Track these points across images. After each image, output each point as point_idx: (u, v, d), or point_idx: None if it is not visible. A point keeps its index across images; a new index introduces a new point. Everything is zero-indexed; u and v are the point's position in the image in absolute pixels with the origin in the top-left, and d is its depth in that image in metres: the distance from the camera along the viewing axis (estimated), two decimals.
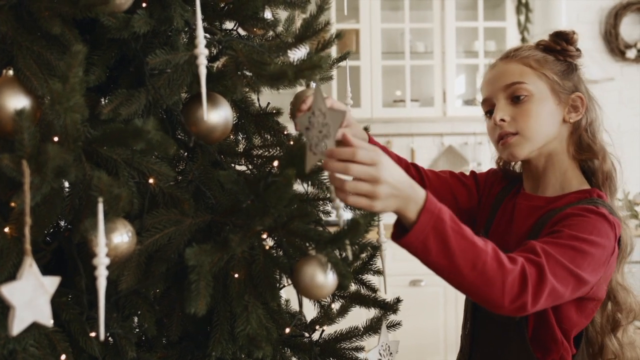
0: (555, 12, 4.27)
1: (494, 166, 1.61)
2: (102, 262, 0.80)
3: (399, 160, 1.50)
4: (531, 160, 1.41)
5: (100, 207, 0.82)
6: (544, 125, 1.36)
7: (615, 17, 4.57)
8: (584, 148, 1.39)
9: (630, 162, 4.18)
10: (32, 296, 0.79)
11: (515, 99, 1.36)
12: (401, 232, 1.09)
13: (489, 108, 1.42)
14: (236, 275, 1.03)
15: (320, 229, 1.03)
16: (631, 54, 4.56)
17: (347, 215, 1.04)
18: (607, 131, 1.45)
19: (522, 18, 4.34)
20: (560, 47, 1.40)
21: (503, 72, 1.39)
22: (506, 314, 1.14)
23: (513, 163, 1.54)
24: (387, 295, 1.34)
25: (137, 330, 1.08)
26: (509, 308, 1.12)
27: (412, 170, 1.52)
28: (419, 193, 1.07)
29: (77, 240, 0.93)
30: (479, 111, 1.48)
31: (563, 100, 1.38)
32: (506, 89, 1.37)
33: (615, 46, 4.58)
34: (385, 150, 1.43)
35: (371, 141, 1.40)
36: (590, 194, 1.33)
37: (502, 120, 1.36)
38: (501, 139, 1.37)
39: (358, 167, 1.00)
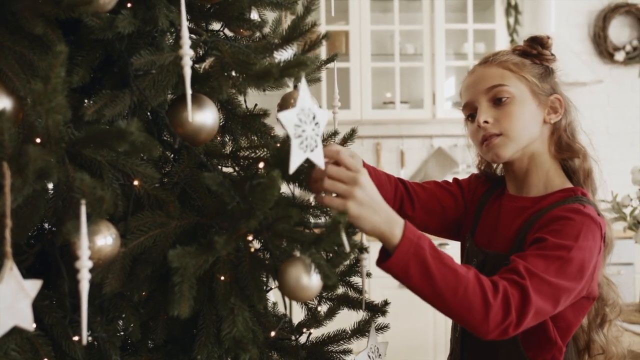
0: (545, 15, 4.28)
1: (476, 171, 1.63)
2: (84, 265, 0.79)
3: (387, 178, 1.52)
4: (514, 162, 1.43)
5: (83, 210, 0.81)
6: (526, 126, 1.38)
7: (603, 19, 4.59)
8: (564, 147, 1.42)
9: (618, 165, 4.22)
10: (13, 300, 0.78)
11: (498, 101, 1.38)
12: (385, 258, 1.13)
13: (471, 112, 1.45)
14: (222, 278, 1.02)
15: (307, 230, 1.02)
16: (619, 56, 4.58)
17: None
18: (585, 132, 1.48)
19: (512, 20, 4.35)
20: (536, 51, 1.44)
21: (483, 76, 1.42)
22: (491, 338, 1.16)
23: (495, 166, 1.56)
24: (375, 298, 1.33)
25: (122, 333, 1.07)
26: (494, 333, 1.15)
27: (400, 186, 1.53)
28: (400, 218, 1.13)
29: (60, 242, 0.92)
30: None
31: (543, 102, 1.41)
32: (488, 92, 1.39)
33: (603, 48, 4.60)
34: (374, 170, 1.48)
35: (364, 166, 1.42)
36: (575, 192, 1.36)
37: (486, 122, 1.38)
38: (485, 141, 1.39)
39: (337, 168, 1.07)
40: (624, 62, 4.61)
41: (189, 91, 0.92)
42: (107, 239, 0.90)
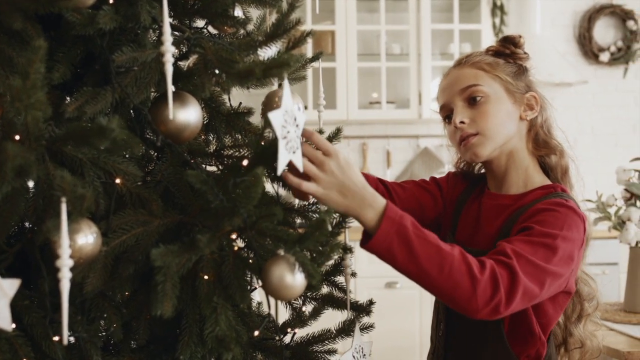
0: (530, 15, 4.30)
1: (455, 168, 1.64)
2: (65, 264, 0.78)
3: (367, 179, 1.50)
4: (493, 160, 1.44)
5: (64, 208, 0.79)
6: (502, 123, 1.39)
7: (588, 20, 4.61)
8: (541, 144, 1.44)
9: (603, 165, 4.24)
10: None
11: (472, 101, 1.40)
12: (368, 239, 1.14)
13: (447, 114, 1.47)
14: (205, 277, 1.01)
15: (291, 229, 1.01)
16: (604, 57, 4.60)
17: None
18: (561, 130, 1.50)
19: (497, 21, 4.37)
20: (509, 50, 1.46)
21: (458, 78, 1.43)
22: (482, 317, 1.16)
23: (473, 164, 1.56)
24: (362, 298, 1.33)
25: (104, 333, 1.05)
26: (484, 311, 1.14)
27: (381, 187, 1.53)
28: (378, 200, 1.13)
29: (40, 241, 0.90)
30: None
31: (518, 99, 1.42)
32: (462, 92, 1.41)
33: (589, 49, 4.62)
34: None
35: None
36: (555, 189, 1.38)
37: (462, 122, 1.40)
38: (463, 141, 1.40)
39: (309, 148, 1.10)
40: (608, 62, 4.64)
41: (170, 88, 0.91)
42: (88, 238, 0.88)
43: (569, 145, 1.47)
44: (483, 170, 1.54)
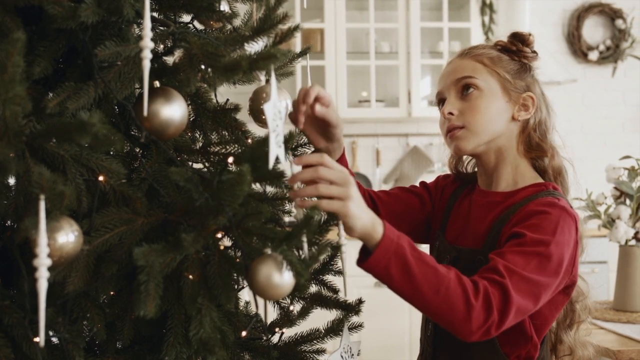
0: (519, 14, 4.30)
1: (448, 167, 1.62)
2: (42, 263, 0.75)
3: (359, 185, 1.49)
4: (481, 156, 1.42)
5: (42, 205, 0.77)
6: (490, 120, 1.37)
7: (577, 19, 4.62)
8: (534, 147, 1.41)
9: (593, 163, 4.24)
10: None
11: (465, 93, 1.38)
12: (365, 258, 1.11)
13: (442, 100, 1.45)
14: (190, 277, 0.99)
15: (278, 227, 0.99)
16: (593, 55, 4.61)
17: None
18: (558, 134, 1.47)
19: (487, 19, 4.37)
20: (516, 47, 1.44)
21: (456, 68, 1.42)
22: (473, 340, 1.15)
23: (465, 163, 1.56)
24: (351, 297, 1.31)
25: (87, 334, 1.03)
26: (476, 334, 1.14)
27: (366, 195, 1.52)
28: (379, 219, 1.11)
29: (19, 240, 0.88)
30: None
31: (514, 98, 1.40)
32: (457, 83, 1.40)
33: (578, 48, 4.63)
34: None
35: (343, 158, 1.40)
36: (547, 187, 1.35)
37: (451, 113, 1.38)
38: (449, 132, 1.39)
39: (328, 170, 1.04)
40: (597, 61, 4.65)
41: (146, 85, 0.89)
42: (68, 236, 0.86)
43: (565, 149, 1.44)
44: (477, 169, 1.52)
